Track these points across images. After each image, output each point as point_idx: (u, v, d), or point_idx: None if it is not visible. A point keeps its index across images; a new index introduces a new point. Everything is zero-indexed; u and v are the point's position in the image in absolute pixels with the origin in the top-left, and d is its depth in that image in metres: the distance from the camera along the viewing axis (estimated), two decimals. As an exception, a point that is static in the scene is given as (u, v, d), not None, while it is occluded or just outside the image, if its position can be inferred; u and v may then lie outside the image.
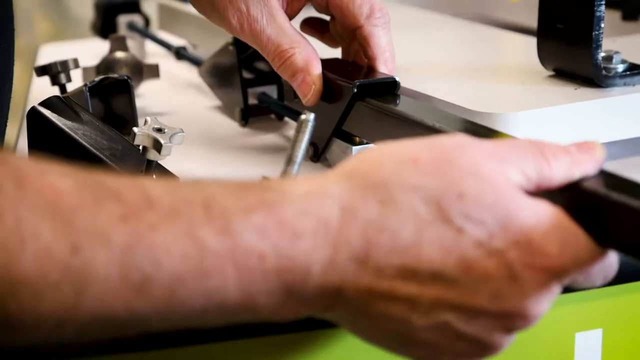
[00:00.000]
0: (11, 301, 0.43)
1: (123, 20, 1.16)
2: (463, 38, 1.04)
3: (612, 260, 0.51)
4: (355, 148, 0.76)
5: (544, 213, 0.50)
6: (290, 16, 0.81)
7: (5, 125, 0.74)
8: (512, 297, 0.49)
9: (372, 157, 0.51)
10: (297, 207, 0.47)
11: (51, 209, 0.44)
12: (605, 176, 0.53)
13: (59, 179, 0.45)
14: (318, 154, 0.79)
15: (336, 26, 0.83)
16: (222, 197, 0.47)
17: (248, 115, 0.91)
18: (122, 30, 1.16)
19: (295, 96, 0.81)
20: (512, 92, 0.81)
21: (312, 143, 0.79)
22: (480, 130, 0.65)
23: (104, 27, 1.19)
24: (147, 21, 1.19)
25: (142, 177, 0.48)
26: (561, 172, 0.52)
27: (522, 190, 0.51)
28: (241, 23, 0.78)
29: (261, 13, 0.78)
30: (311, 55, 0.78)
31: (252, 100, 0.92)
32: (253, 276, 0.46)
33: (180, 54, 1.07)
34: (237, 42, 0.90)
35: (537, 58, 0.82)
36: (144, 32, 1.15)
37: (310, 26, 0.86)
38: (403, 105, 0.71)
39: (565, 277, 0.50)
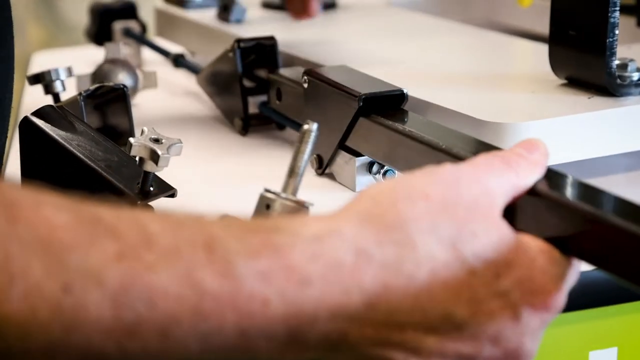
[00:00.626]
0: None
1: (119, 26, 1.16)
2: (472, 45, 1.04)
3: (577, 267, 0.52)
4: (358, 160, 0.75)
5: (536, 248, 0.51)
6: None
7: (6, 137, 0.74)
8: (512, 338, 0.50)
9: (383, 195, 0.50)
10: (307, 251, 0.47)
11: (43, 245, 0.43)
12: (555, 177, 0.55)
13: (54, 212, 0.44)
14: (323, 166, 0.79)
15: None
16: (226, 238, 0.46)
17: (248, 125, 0.91)
18: (118, 36, 1.16)
19: (279, 98, 0.83)
20: (522, 101, 0.81)
21: (317, 155, 0.79)
22: (485, 150, 0.65)
23: (99, 33, 1.19)
24: (143, 27, 1.19)
25: (141, 212, 0.47)
26: (525, 179, 0.53)
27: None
28: None
29: None
30: None
31: (253, 110, 0.92)
32: (254, 321, 0.46)
33: (178, 61, 1.07)
34: (238, 50, 0.90)
35: (548, 66, 0.82)
36: (141, 39, 1.15)
37: None
38: (409, 123, 0.70)
39: (560, 308, 0.51)
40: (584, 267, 0.53)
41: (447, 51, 1.01)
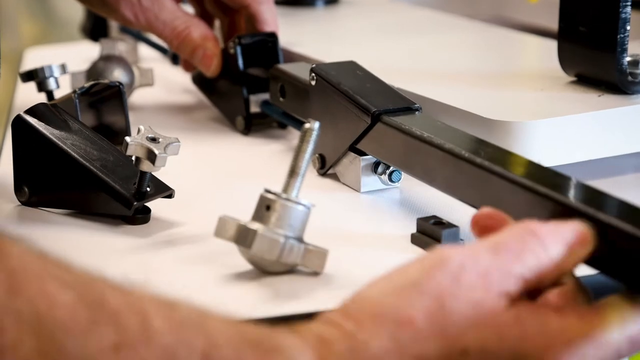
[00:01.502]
0: None
1: (115, 22, 1.16)
2: (478, 41, 1.05)
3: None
4: (363, 159, 0.76)
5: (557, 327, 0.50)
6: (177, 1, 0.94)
7: None
8: None
9: (367, 323, 0.50)
10: None
11: (40, 322, 0.43)
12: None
13: (58, 288, 0.44)
14: (325, 167, 0.79)
15: (212, 4, 0.97)
16: (224, 348, 0.46)
17: (250, 124, 0.91)
18: (114, 32, 1.16)
19: (282, 95, 0.83)
20: (531, 99, 0.81)
21: (319, 154, 0.79)
22: (495, 152, 0.65)
23: (95, 28, 1.19)
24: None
25: (149, 299, 0.47)
26: (555, 261, 0.51)
27: (523, 299, 0.51)
28: (135, 15, 0.91)
29: (151, 2, 0.91)
30: (206, 31, 0.92)
31: (253, 108, 0.92)
32: None
33: (176, 58, 1.07)
34: (239, 46, 0.90)
35: (557, 63, 0.82)
36: (138, 35, 1.15)
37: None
38: (426, 128, 0.69)
39: None
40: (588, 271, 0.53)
41: (453, 47, 1.01)
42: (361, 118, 0.74)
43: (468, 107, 0.76)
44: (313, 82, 0.80)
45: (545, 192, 0.56)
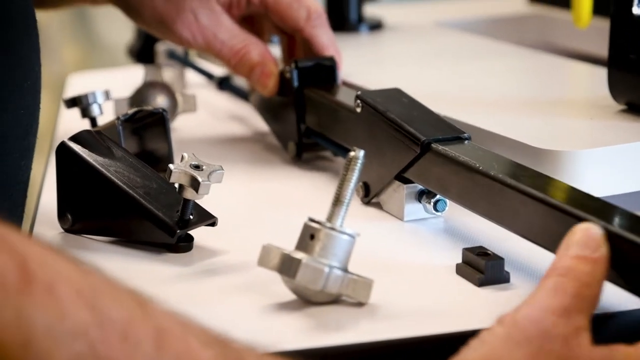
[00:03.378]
0: None
1: (162, 47, 1.17)
2: (525, 68, 1.04)
3: None
4: (407, 187, 0.75)
5: None
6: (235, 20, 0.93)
7: (31, 168, 0.76)
8: None
9: None
10: None
11: None
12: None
13: (201, 346, 0.47)
14: (370, 195, 0.79)
15: (268, 26, 0.97)
16: None
17: (302, 149, 0.90)
18: (161, 58, 1.17)
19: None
20: (579, 127, 0.80)
21: (364, 182, 0.79)
22: (545, 182, 0.64)
23: (143, 50, 1.20)
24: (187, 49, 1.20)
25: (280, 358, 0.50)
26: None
27: None
28: (193, 34, 0.91)
29: (210, 21, 0.91)
30: (265, 50, 0.91)
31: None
32: None
33: (223, 84, 1.08)
34: (295, 70, 0.89)
35: (607, 91, 0.82)
36: (185, 61, 1.16)
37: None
38: (471, 156, 0.69)
39: None
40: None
41: (499, 74, 1.01)
42: (410, 147, 0.74)
43: (516, 136, 0.76)
44: (358, 109, 0.80)
45: (596, 222, 0.56)
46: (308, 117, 0.89)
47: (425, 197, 0.75)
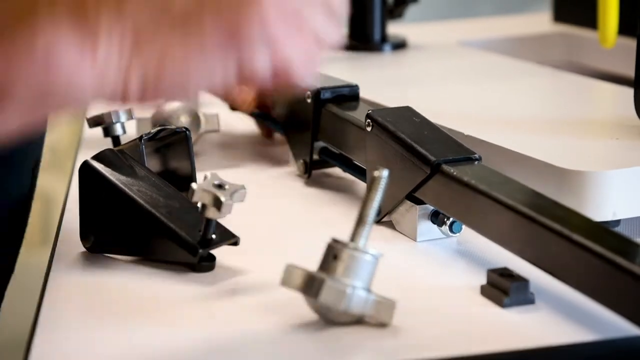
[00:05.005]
0: None
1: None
2: (550, 87, 1.04)
3: None
4: (420, 207, 0.75)
5: None
6: None
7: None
8: None
9: None
10: None
11: None
12: None
13: None
14: (381, 214, 0.79)
15: None
16: None
17: (311, 169, 0.91)
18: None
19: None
20: (605, 148, 0.80)
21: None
22: (554, 209, 0.64)
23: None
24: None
25: None
26: None
27: None
28: None
29: None
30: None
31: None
32: None
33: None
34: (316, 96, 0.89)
35: (633, 111, 0.82)
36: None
37: None
38: (479, 178, 0.69)
39: None
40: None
41: (523, 94, 1.01)
42: (420, 167, 0.74)
43: (541, 156, 0.76)
44: (369, 128, 0.80)
45: (609, 256, 0.56)
46: (321, 134, 0.89)
47: (440, 218, 0.75)
